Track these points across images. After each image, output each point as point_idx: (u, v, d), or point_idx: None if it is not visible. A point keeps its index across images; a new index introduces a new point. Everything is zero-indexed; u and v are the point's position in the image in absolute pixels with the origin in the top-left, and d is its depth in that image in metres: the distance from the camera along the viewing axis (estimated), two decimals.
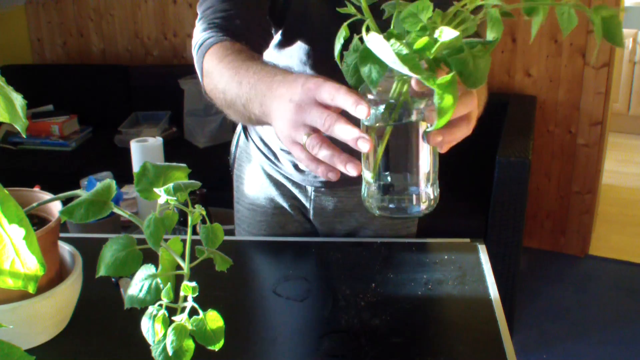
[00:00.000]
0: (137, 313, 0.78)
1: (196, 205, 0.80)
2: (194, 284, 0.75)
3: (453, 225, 2.51)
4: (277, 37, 1.16)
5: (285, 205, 1.36)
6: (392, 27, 0.65)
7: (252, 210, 1.39)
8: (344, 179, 1.28)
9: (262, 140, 1.35)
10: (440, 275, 1.08)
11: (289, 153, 1.31)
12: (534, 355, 2.43)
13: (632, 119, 4.46)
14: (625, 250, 3.13)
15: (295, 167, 1.32)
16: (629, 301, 2.75)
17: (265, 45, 1.09)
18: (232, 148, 1.48)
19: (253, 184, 1.39)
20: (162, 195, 0.78)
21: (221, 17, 1.01)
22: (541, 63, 2.92)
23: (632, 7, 4.17)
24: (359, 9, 0.68)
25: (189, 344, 0.75)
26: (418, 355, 0.82)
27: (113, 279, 1.12)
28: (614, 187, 3.76)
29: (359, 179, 1.29)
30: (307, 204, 1.35)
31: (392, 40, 0.59)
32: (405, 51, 0.57)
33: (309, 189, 1.34)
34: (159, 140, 1.79)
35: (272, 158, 1.35)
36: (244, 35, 1.00)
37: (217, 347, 0.76)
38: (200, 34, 1.02)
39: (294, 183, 1.35)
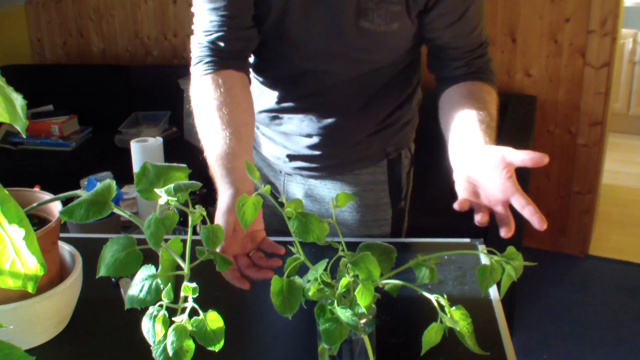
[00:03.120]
0: (137, 313, 0.78)
1: (196, 206, 0.80)
2: (194, 284, 0.75)
3: (453, 225, 2.51)
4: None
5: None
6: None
7: None
8: (313, 167, 1.31)
9: None
10: (440, 275, 1.08)
11: (269, 138, 1.34)
12: (534, 355, 2.43)
13: (632, 119, 4.46)
14: (625, 250, 3.13)
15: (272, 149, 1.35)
16: (629, 301, 2.75)
17: (248, 50, 1.19)
18: None
19: None
20: (163, 196, 0.78)
21: (209, 41, 1.15)
22: (541, 63, 2.92)
23: (632, 7, 4.17)
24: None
25: (189, 345, 0.75)
26: (418, 356, 0.82)
27: (113, 279, 1.12)
28: (614, 187, 3.76)
29: (329, 167, 1.32)
30: (280, 189, 1.38)
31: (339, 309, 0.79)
32: (348, 313, 0.78)
33: (282, 173, 1.36)
34: (159, 140, 1.79)
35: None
36: (227, 58, 1.15)
37: (217, 348, 0.76)
38: (194, 47, 1.17)
39: (269, 167, 1.38)
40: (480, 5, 1.13)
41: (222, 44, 1.14)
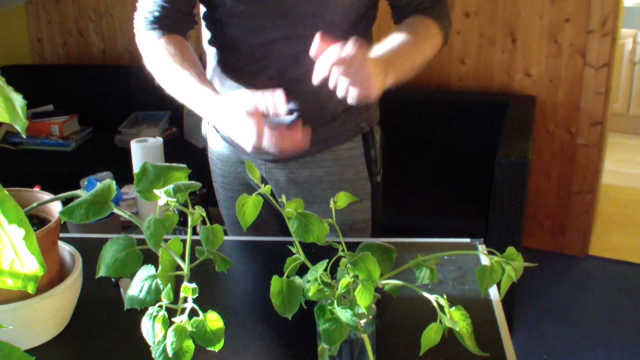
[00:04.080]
0: (137, 314, 0.78)
1: (196, 206, 0.80)
2: (194, 285, 0.75)
3: (453, 225, 2.51)
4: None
5: (249, 180, 1.42)
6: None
7: (224, 187, 1.50)
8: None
9: None
10: (440, 276, 1.08)
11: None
12: (534, 355, 2.43)
13: (632, 119, 4.46)
14: (625, 250, 3.13)
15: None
16: (629, 301, 2.75)
17: (187, 29, 1.35)
18: (203, 129, 1.55)
19: (222, 162, 1.48)
20: (162, 197, 0.78)
21: (153, 17, 1.30)
22: (541, 63, 2.92)
23: (632, 7, 4.17)
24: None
25: (189, 345, 0.75)
26: (418, 356, 0.82)
27: (113, 279, 1.12)
28: (614, 187, 3.76)
29: (307, 151, 1.36)
30: (265, 178, 1.42)
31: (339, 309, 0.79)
32: (348, 314, 0.78)
33: (263, 162, 1.41)
34: (159, 140, 1.79)
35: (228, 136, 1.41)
36: (169, 28, 1.30)
37: (217, 348, 0.76)
38: (139, 20, 1.31)
39: (251, 158, 1.42)
40: None
41: (163, 20, 1.29)
